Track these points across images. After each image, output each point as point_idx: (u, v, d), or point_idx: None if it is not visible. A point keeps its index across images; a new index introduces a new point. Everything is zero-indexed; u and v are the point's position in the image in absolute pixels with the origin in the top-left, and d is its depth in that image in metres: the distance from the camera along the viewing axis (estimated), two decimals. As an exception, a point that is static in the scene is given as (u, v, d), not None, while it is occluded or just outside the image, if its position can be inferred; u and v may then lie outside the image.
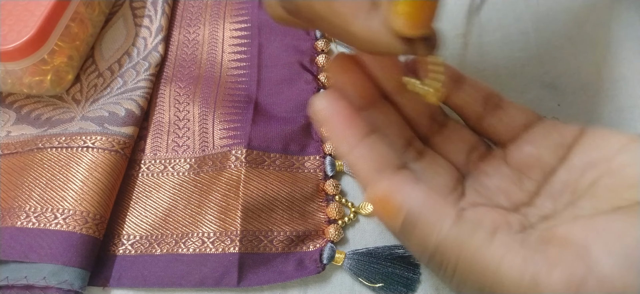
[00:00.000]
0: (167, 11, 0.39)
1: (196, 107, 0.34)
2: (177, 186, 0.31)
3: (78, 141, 0.31)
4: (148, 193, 0.31)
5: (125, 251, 0.29)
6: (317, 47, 0.38)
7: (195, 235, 0.29)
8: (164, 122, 0.34)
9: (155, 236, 0.29)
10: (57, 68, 0.33)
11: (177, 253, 0.29)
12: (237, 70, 0.37)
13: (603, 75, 0.35)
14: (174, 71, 0.36)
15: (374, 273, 0.28)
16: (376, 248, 0.29)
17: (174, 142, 0.33)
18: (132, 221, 0.30)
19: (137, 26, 0.38)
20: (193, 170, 0.32)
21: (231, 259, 0.28)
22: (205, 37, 0.38)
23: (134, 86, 0.34)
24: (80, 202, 0.28)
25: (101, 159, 0.30)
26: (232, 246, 0.28)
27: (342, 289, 0.29)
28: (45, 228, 0.28)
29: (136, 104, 0.33)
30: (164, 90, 0.35)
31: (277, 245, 0.29)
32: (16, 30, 0.30)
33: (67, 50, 0.33)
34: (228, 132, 0.32)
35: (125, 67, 0.35)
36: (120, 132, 0.31)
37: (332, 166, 0.32)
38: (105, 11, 0.37)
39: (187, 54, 0.38)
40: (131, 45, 0.37)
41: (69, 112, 0.34)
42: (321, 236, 0.30)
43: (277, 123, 0.33)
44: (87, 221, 0.28)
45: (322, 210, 0.30)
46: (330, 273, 0.29)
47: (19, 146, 0.32)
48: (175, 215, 0.30)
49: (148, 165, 0.32)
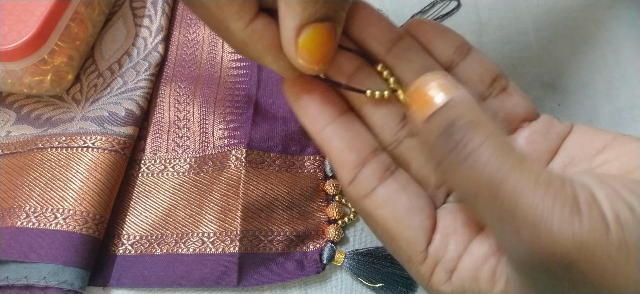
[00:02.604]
0: (167, 11, 0.39)
1: (196, 107, 0.34)
2: (177, 186, 0.31)
3: (78, 141, 0.31)
4: (148, 193, 0.31)
5: (125, 251, 0.29)
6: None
7: (195, 235, 0.29)
8: (164, 122, 0.34)
9: (155, 236, 0.29)
10: (57, 68, 0.33)
11: (177, 253, 0.29)
12: (237, 70, 0.37)
13: (603, 75, 0.35)
14: (174, 71, 0.36)
15: (374, 273, 0.28)
16: (376, 248, 0.29)
17: (174, 142, 0.33)
18: (132, 221, 0.30)
19: (137, 26, 0.38)
20: (193, 170, 0.32)
21: (231, 259, 0.28)
22: (205, 37, 0.38)
23: (134, 86, 0.34)
24: (80, 202, 0.28)
25: (101, 159, 0.30)
26: (232, 246, 0.28)
27: (342, 289, 0.29)
28: (45, 228, 0.28)
29: (136, 104, 0.33)
30: (164, 90, 0.35)
31: (277, 245, 0.29)
32: (16, 30, 0.30)
33: (67, 50, 0.33)
34: (228, 131, 0.32)
35: (125, 67, 0.35)
36: (120, 131, 0.31)
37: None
38: (105, 11, 0.37)
39: (187, 54, 0.38)
40: (131, 45, 0.37)
41: (69, 112, 0.34)
42: (321, 236, 0.30)
43: (277, 123, 0.33)
44: (87, 221, 0.28)
45: (322, 210, 0.30)
46: (330, 273, 0.29)
47: (19, 146, 0.32)
48: (175, 215, 0.30)
49: (148, 165, 0.32)
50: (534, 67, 0.36)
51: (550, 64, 0.36)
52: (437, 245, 0.18)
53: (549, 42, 0.37)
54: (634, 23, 0.37)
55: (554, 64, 0.36)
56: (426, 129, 0.17)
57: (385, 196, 0.18)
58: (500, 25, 0.38)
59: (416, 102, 0.17)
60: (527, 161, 0.15)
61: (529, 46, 0.37)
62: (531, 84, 0.35)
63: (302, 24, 0.16)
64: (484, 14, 0.39)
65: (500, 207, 0.15)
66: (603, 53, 0.36)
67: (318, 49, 0.17)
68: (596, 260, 0.14)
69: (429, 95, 0.16)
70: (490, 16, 0.39)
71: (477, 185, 0.15)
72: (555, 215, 0.14)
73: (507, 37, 0.38)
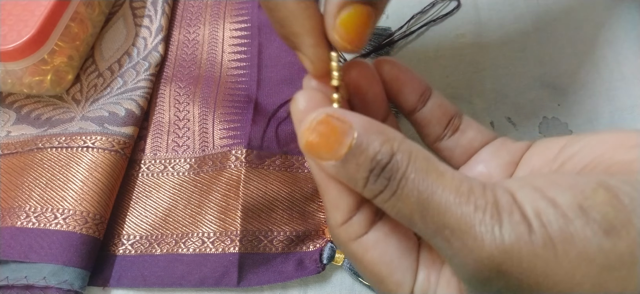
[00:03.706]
0: (167, 11, 0.39)
1: (196, 107, 0.34)
2: (177, 186, 0.31)
3: (78, 141, 0.31)
4: (148, 193, 0.31)
5: (125, 251, 0.29)
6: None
7: (195, 235, 0.29)
8: (164, 122, 0.34)
9: (155, 236, 0.29)
10: (57, 68, 0.33)
11: (177, 253, 0.29)
12: (237, 70, 0.37)
13: (603, 75, 0.35)
14: (174, 71, 0.36)
15: (374, 273, 0.28)
16: (376, 248, 0.29)
17: (174, 142, 0.33)
18: (132, 221, 0.30)
19: (137, 26, 0.38)
20: (193, 170, 0.32)
21: (231, 259, 0.28)
22: (205, 37, 0.38)
23: (134, 86, 0.34)
24: (80, 202, 0.28)
25: (101, 159, 0.30)
26: (232, 246, 0.28)
27: (342, 289, 0.29)
28: (45, 228, 0.28)
29: (136, 104, 0.33)
30: (164, 90, 0.35)
31: (277, 245, 0.29)
32: (16, 30, 0.30)
33: (67, 50, 0.33)
34: (228, 132, 0.32)
35: (125, 67, 0.35)
36: (120, 131, 0.31)
37: (332, 166, 0.32)
38: (105, 11, 0.37)
39: (187, 54, 0.38)
40: (131, 45, 0.37)
41: (69, 112, 0.34)
42: (321, 236, 0.30)
43: (277, 123, 0.33)
44: (87, 221, 0.28)
45: (322, 210, 0.30)
46: (330, 273, 0.29)
47: (19, 146, 0.32)
48: (175, 215, 0.30)
49: (148, 165, 0.32)
50: (534, 67, 0.36)
51: (550, 64, 0.36)
52: (420, 282, 0.18)
53: (549, 42, 0.37)
54: (634, 23, 0.37)
55: (554, 64, 0.36)
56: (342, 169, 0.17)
57: (375, 240, 0.19)
58: (500, 25, 0.38)
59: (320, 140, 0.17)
60: (449, 172, 0.16)
61: (529, 46, 0.37)
62: (531, 84, 0.35)
63: (346, 1, 0.17)
64: (484, 14, 0.39)
65: (431, 222, 0.15)
66: (603, 54, 0.36)
67: (354, 29, 0.17)
68: (523, 262, 0.14)
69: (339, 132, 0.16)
70: (490, 16, 0.39)
71: (410, 209, 0.16)
72: (477, 221, 0.14)
73: (507, 37, 0.38)
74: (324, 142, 0.17)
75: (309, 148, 0.17)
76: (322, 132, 0.17)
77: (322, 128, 0.17)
